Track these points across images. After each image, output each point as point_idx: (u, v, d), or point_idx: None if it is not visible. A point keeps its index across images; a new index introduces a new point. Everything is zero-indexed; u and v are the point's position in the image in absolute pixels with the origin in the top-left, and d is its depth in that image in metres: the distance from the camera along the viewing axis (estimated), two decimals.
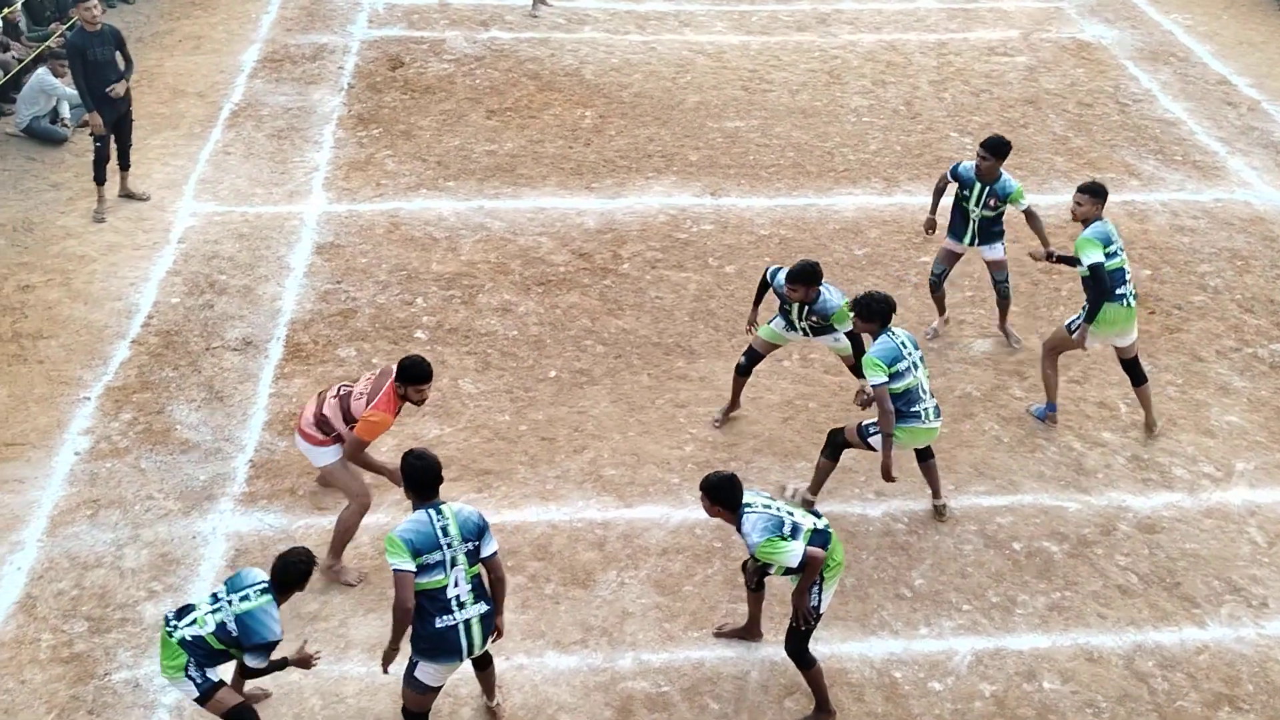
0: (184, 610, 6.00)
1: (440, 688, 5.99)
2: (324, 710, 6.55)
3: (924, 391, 7.42)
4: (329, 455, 7.12)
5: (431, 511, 5.80)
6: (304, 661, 6.14)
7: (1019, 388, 9.14)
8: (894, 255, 10.72)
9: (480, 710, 6.55)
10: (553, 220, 11.08)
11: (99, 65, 10.40)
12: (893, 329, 7.41)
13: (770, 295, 8.37)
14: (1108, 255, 8.29)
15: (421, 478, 5.84)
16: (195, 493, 7.95)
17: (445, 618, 5.75)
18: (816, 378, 9.19)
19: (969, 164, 9.23)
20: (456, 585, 5.76)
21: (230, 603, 5.91)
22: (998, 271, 9.42)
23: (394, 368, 6.90)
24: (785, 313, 8.26)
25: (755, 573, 6.58)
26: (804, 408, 8.89)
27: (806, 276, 7.94)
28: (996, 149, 8.99)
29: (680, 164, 12.05)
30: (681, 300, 10.03)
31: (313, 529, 7.64)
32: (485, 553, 5.87)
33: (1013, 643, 7.08)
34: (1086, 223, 8.43)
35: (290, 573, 5.95)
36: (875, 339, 7.39)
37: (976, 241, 9.33)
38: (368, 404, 6.86)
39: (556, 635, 7.04)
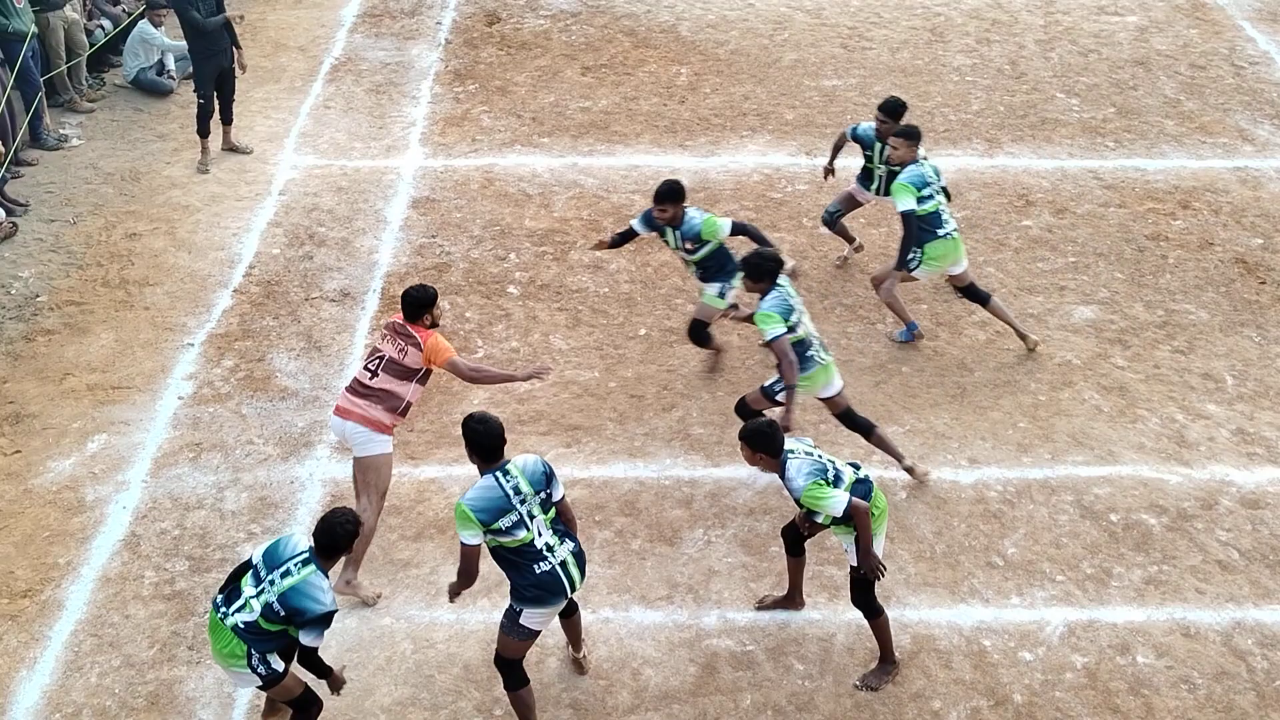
0: (232, 593, 5.73)
1: (538, 633, 5.99)
2: (415, 654, 6.68)
3: (813, 336, 7.44)
4: (387, 445, 6.93)
5: (499, 475, 5.77)
6: (336, 684, 5.91)
7: (1121, 356, 8.91)
8: (994, 219, 10.49)
9: (566, 661, 6.63)
10: (646, 178, 11.03)
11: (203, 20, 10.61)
12: (781, 281, 7.33)
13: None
14: (923, 199, 8.41)
15: (485, 442, 5.80)
16: (294, 439, 8.13)
17: (541, 564, 5.77)
18: (910, 341, 9.06)
19: (868, 125, 9.17)
20: (541, 535, 5.78)
21: (272, 582, 5.62)
22: (832, 204, 9.42)
23: (401, 320, 6.92)
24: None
25: (805, 521, 6.46)
26: (896, 371, 8.77)
27: (670, 195, 7.93)
28: (893, 111, 8.92)
29: (775, 123, 11.90)
30: None
31: (405, 478, 7.77)
32: (555, 496, 5.90)
33: (1106, 615, 6.95)
34: (903, 165, 8.53)
35: (334, 535, 5.65)
36: (764, 296, 7.30)
37: (883, 193, 9.21)
38: (416, 350, 6.83)
39: (642, 590, 7.08)
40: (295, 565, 5.65)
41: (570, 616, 6.42)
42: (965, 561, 7.28)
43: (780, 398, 7.38)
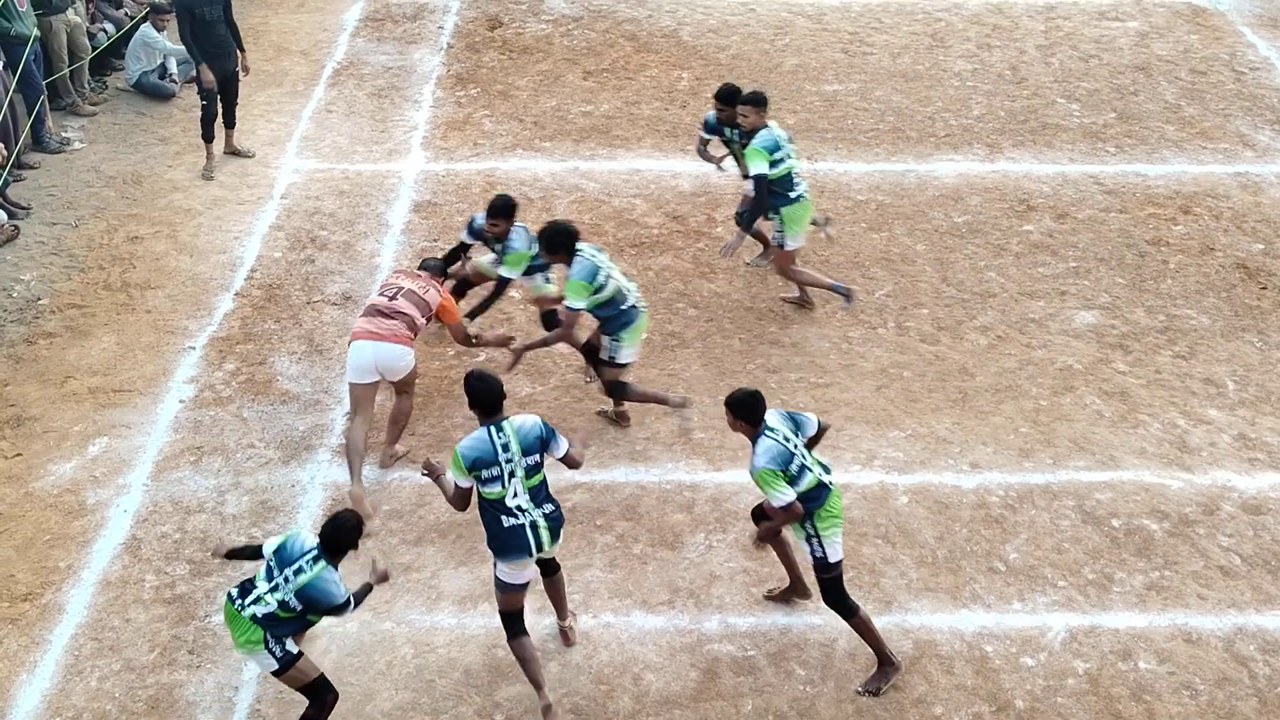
0: (246, 586, 5.93)
1: (524, 586, 6.25)
2: (416, 659, 6.68)
3: (625, 288, 7.71)
4: (413, 356, 7.70)
5: (493, 429, 6.15)
6: (383, 577, 6.32)
7: (1122, 361, 8.91)
8: (995, 224, 10.49)
9: (567, 666, 6.63)
10: (647, 182, 11.05)
11: (208, 24, 10.61)
12: (580, 247, 7.56)
13: None
14: (775, 162, 8.59)
15: (484, 398, 6.23)
16: (295, 442, 8.13)
17: (510, 519, 6.13)
18: (912, 345, 9.06)
19: (712, 113, 9.39)
20: (515, 496, 6.13)
21: (286, 579, 5.86)
22: (741, 205, 9.47)
23: (422, 270, 8.17)
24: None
25: (756, 516, 6.81)
26: (898, 376, 8.77)
27: (505, 210, 8.20)
28: (728, 98, 9.08)
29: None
30: None
31: (406, 481, 7.77)
32: (558, 454, 6.27)
33: (1108, 621, 6.94)
34: (754, 132, 8.69)
35: (341, 535, 5.91)
36: (570, 265, 7.52)
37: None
38: (436, 293, 7.86)
39: (644, 595, 7.07)
40: (307, 563, 5.90)
41: (550, 577, 6.59)
42: (967, 567, 7.27)
43: (608, 356, 7.87)
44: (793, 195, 8.69)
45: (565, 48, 13.43)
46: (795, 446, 6.28)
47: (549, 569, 6.57)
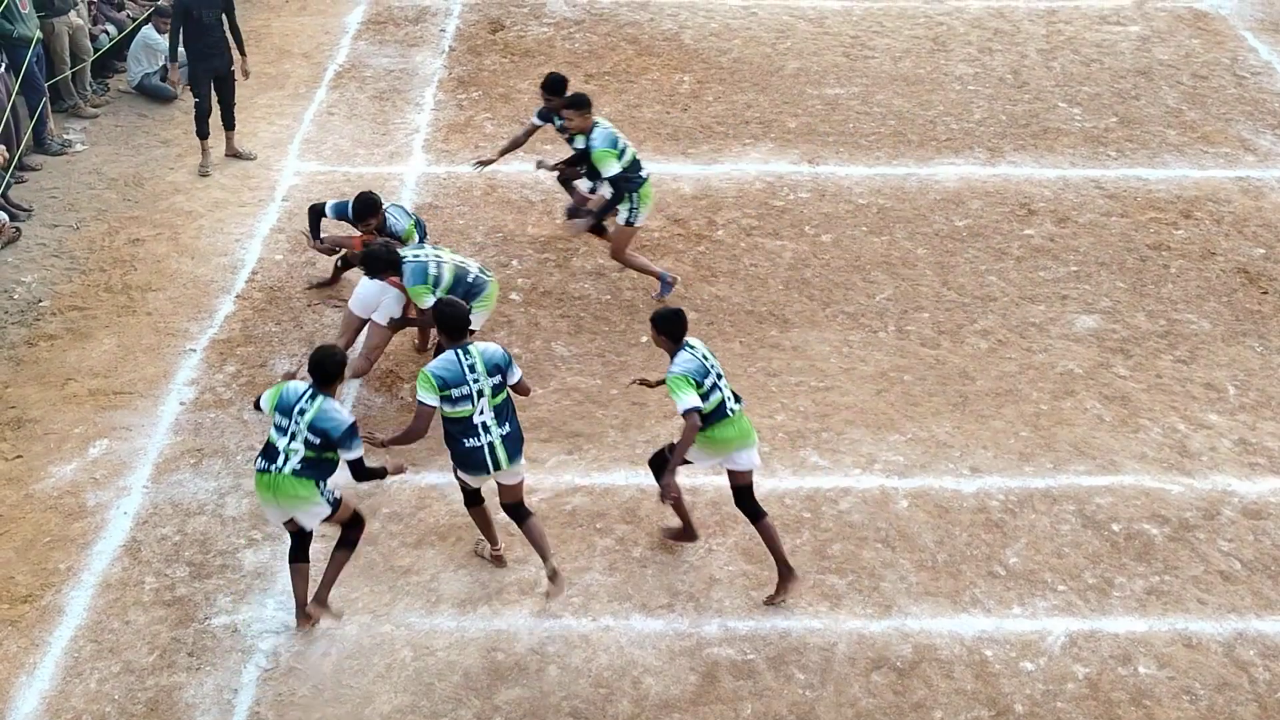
0: (269, 453, 6.43)
1: (479, 488, 6.87)
2: (415, 662, 6.67)
3: (467, 266, 8.08)
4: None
5: (460, 352, 6.65)
6: (398, 469, 6.78)
7: (1123, 366, 8.91)
8: (996, 227, 10.49)
9: (567, 669, 6.62)
10: None
11: (204, 26, 10.67)
12: (402, 254, 7.91)
13: None
14: (621, 153, 8.98)
15: (452, 322, 6.75)
16: None
17: (472, 439, 6.64)
18: (912, 349, 9.06)
19: (543, 104, 9.58)
20: (482, 413, 6.63)
21: (296, 422, 6.39)
22: (575, 203, 9.66)
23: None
24: None
25: (641, 380, 7.48)
26: (898, 379, 8.77)
27: (366, 208, 8.41)
28: (552, 88, 9.32)
29: (778, 131, 11.91)
30: (776, 268, 9.94)
31: (406, 485, 7.76)
32: (512, 380, 6.79)
33: (1108, 625, 6.94)
34: (585, 133, 9.00)
35: (326, 367, 6.45)
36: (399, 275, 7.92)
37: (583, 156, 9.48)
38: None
39: (643, 598, 7.07)
40: (306, 402, 6.42)
41: (523, 523, 6.90)
42: (967, 571, 7.27)
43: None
44: (642, 174, 9.15)
45: (567, 51, 13.44)
46: (712, 367, 6.78)
47: (520, 517, 6.92)
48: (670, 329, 6.84)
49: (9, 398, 8.49)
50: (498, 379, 6.68)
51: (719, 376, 6.78)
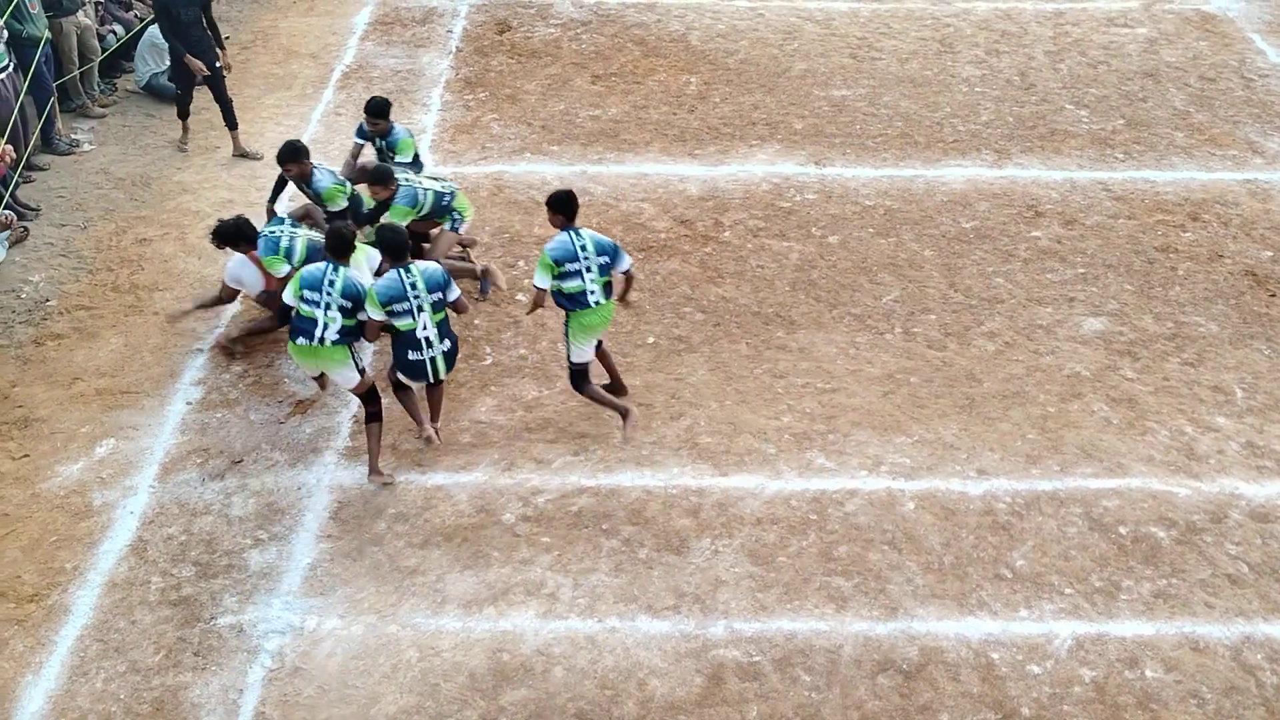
0: (306, 328, 7.41)
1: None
2: (421, 662, 6.67)
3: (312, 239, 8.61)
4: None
5: (401, 271, 7.44)
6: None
7: (1130, 368, 8.89)
8: (1003, 229, 10.48)
9: (570, 670, 6.62)
10: (655, 186, 11.05)
11: (184, 24, 10.97)
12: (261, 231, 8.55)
13: None
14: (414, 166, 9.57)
15: (394, 246, 7.53)
16: (301, 445, 8.13)
17: (415, 353, 7.54)
18: (919, 351, 9.05)
19: (362, 124, 9.85)
20: (425, 328, 7.49)
21: (329, 293, 7.37)
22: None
23: None
24: None
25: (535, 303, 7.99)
26: (905, 381, 8.76)
27: (291, 155, 8.80)
28: (377, 111, 9.60)
29: (785, 132, 11.91)
30: (783, 270, 9.94)
31: (412, 485, 7.77)
32: (450, 298, 7.56)
33: (1115, 629, 6.92)
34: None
35: (343, 238, 7.48)
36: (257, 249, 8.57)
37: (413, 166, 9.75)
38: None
39: (649, 600, 7.06)
40: (331, 273, 7.42)
41: (434, 389, 7.87)
42: (973, 573, 7.25)
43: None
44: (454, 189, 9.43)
45: (573, 52, 13.44)
46: (587, 257, 7.56)
47: (433, 386, 7.86)
48: (563, 208, 7.64)
49: (16, 397, 8.51)
50: (438, 295, 7.47)
51: (591, 269, 7.56)
